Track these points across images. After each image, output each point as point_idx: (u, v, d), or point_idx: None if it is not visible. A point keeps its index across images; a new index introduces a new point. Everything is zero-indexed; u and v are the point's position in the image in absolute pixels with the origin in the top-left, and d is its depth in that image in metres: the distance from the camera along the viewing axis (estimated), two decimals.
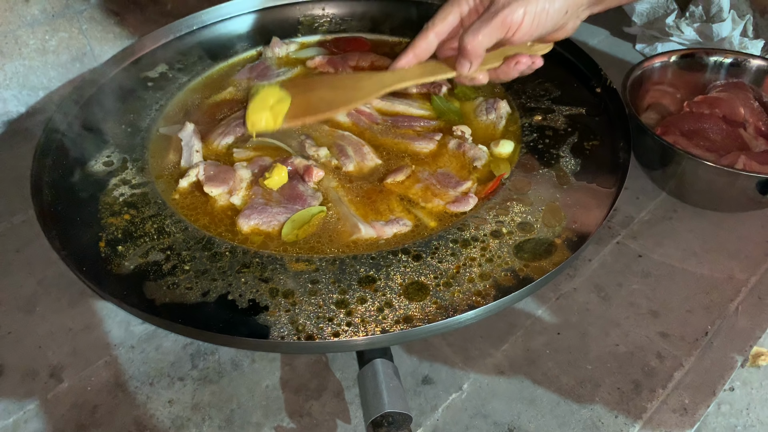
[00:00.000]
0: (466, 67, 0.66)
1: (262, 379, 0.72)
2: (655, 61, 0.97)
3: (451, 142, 0.81)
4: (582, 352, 0.74)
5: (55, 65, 1.06)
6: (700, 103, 0.93)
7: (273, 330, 0.60)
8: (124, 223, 0.72)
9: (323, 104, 0.71)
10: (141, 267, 0.66)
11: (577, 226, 0.70)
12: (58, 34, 1.04)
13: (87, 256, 0.67)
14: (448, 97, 0.89)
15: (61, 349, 0.75)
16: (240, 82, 0.94)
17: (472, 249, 0.68)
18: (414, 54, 0.69)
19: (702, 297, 0.80)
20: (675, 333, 0.76)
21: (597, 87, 0.88)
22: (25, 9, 0.99)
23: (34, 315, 0.79)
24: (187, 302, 0.63)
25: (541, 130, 0.83)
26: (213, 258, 0.67)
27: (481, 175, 0.77)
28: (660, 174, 0.91)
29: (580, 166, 0.77)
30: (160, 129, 0.85)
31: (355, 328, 0.60)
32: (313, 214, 0.72)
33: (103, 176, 0.78)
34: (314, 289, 0.64)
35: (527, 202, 0.73)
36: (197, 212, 0.74)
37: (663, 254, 0.85)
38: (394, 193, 0.76)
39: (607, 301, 0.79)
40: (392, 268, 0.66)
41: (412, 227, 0.71)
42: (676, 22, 1.14)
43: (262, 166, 0.78)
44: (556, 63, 0.94)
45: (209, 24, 1.04)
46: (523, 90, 0.90)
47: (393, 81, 0.69)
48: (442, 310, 0.62)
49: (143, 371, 0.73)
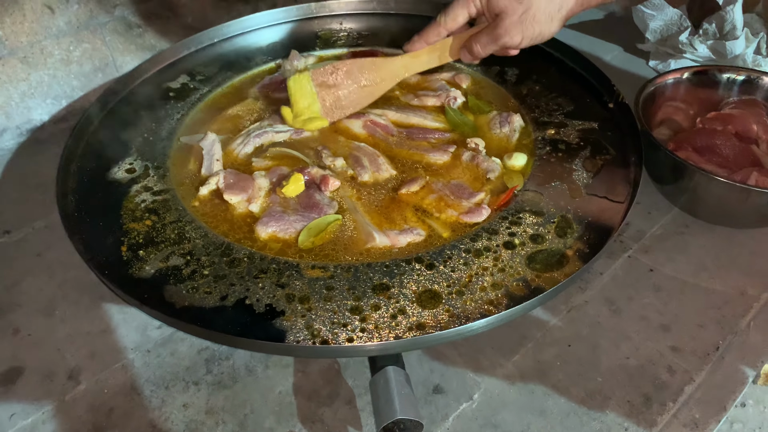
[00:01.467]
0: (467, 60, 0.84)
1: (275, 384, 0.73)
2: (668, 78, 0.98)
3: (464, 154, 0.83)
4: (593, 364, 0.74)
5: (78, 75, 1.09)
6: (712, 120, 0.94)
7: (289, 334, 0.61)
8: (145, 228, 0.73)
9: (350, 103, 0.87)
10: (161, 271, 0.68)
11: (589, 239, 0.70)
12: (82, 45, 1.07)
13: (109, 260, 0.69)
14: (462, 110, 0.91)
15: (79, 351, 0.76)
16: (259, 93, 0.96)
17: (484, 259, 0.69)
18: (425, 41, 0.84)
19: (713, 312, 0.80)
20: (686, 347, 0.76)
21: (610, 102, 0.89)
22: (52, 21, 1.02)
23: (53, 318, 0.80)
24: (206, 306, 0.64)
25: (554, 144, 0.84)
26: (231, 263, 0.69)
27: (494, 187, 0.78)
28: (672, 189, 0.91)
29: (592, 180, 0.78)
30: (181, 138, 0.87)
31: (369, 334, 0.61)
32: (329, 223, 0.73)
33: (126, 183, 0.80)
34: (329, 295, 0.65)
35: (539, 213, 0.74)
36: (217, 219, 0.75)
37: (674, 269, 0.85)
38: (408, 203, 0.77)
39: (618, 314, 0.80)
40: (406, 276, 0.67)
41: (425, 236, 0.72)
42: (689, 39, 1.15)
43: (280, 175, 0.79)
44: (570, 78, 0.96)
45: (230, 37, 1.07)
46: (536, 104, 0.91)
47: (406, 69, 0.87)
48: (455, 318, 0.62)
49: (159, 375, 0.74)
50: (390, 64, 0.86)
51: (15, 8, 0.97)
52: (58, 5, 1.01)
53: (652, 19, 1.20)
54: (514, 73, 0.98)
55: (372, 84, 0.86)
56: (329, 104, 0.86)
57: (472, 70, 1.00)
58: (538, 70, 0.98)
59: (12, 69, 1.01)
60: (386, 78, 0.87)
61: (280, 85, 0.97)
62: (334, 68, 0.84)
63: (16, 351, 0.76)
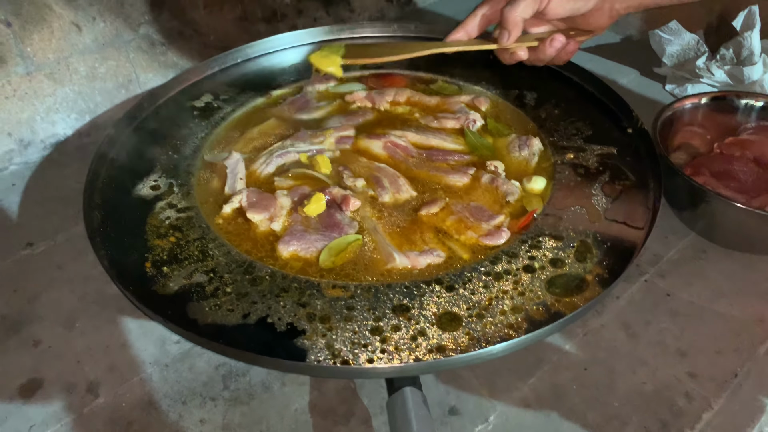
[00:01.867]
0: (505, 37, 0.75)
1: (291, 402, 0.73)
2: (686, 102, 0.99)
3: (484, 176, 0.83)
4: (609, 388, 0.74)
5: (102, 91, 1.11)
6: (730, 145, 0.94)
7: (310, 353, 0.62)
8: (169, 245, 0.74)
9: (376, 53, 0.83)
10: (185, 288, 0.69)
11: (608, 264, 0.71)
12: (107, 62, 1.09)
13: (134, 275, 0.70)
14: (481, 133, 0.92)
15: (99, 364, 0.76)
16: (281, 114, 0.98)
17: (504, 282, 0.69)
18: (465, 31, 0.80)
19: (731, 338, 0.79)
20: (704, 374, 0.75)
21: (629, 128, 0.90)
22: (79, 38, 1.04)
23: (73, 330, 0.81)
24: (229, 324, 0.65)
25: (573, 168, 0.85)
26: (254, 281, 0.70)
27: (513, 210, 0.79)
28: (689, 214, 0.92)
29: (611, 205, 0.79)
30: (205, 156, 0.89)
31: (390, 355, 0.62)
32: (350, 242, 0.74)
33: (151, 200, 0.81)
34: (350, 315, 0.66)
35: (559, 237, 0.74)
36: (239, 237, 0.76)
37: (692, 294, 0.85)
38: (428, 224, 0.78)
39: (634, 338, 0.80)
40: (426, 297, 0.68)
41: (445, 258, 0.73)
42: (706, 64, 1.15)
43: (301, 194, 0.80)
44: (589, 103, 0.97)
45: (253, 57, 1.09)
46: (555, 128, 0.92)
47: (441, 46, 0.81)
48: (475, 341, 0.63)
49: (176, 390, 0.74)
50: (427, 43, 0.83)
51: (43, 26, 0.99)
52: (86, 23, 1.03)
53: (669, 44, 1.21)
54: (533, 96, 0.99)
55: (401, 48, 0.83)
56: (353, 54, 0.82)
57: (491, 94, 1.01)
58: (558, 95, 0.98)
59: (39, 84, 1.03)
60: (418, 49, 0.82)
61: (303, 106, 0.98)
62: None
63: (37, 363, 0.76)
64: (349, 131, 0.92)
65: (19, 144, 1.06)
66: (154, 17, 1.10)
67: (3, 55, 0.97)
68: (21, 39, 0.98)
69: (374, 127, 0.95)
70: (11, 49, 0.98)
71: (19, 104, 1.03)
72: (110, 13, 1.05)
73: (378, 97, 0.99)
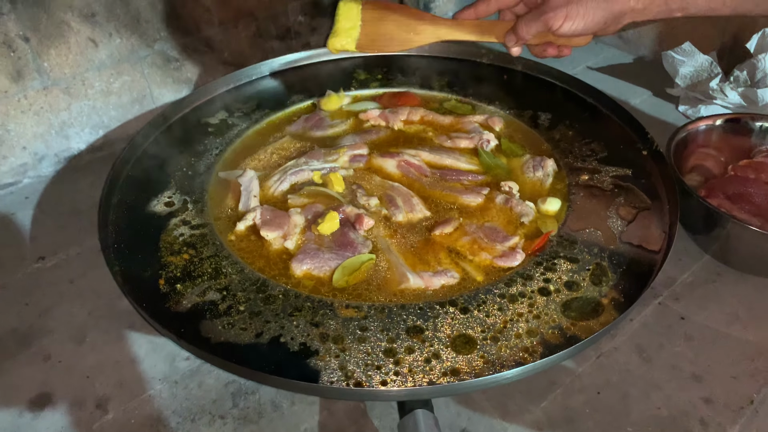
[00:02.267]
0: (511, 42, 0.80)
1: (300, 422, 0.72)
2: (700, 124, 0.99)
3: (498, 197, 0.83)
4: (623, 413, 0.73)
5: (116, 106, 1.12)
6: (745, 168, 0.94)
7: (323, 374, 0.61)
8: (183, 262, 0.74)
9: (386, 41, 0.86)
10: (198, 306, 0.69)
11: (624, 288, 0.70)
12: (122, 78, 1.10)
13: (147, 292, 0.70)
14: (495, 153, 0.92)
15: (108, 380, 0.76)
16: (296, 131, 0.98)
17: (519, 304, 0.69)
18: (475, 12, 0.82)
19: (747, 364, 0.78)
20: (719, 399, 0.74)
21: (644, 150, 0.89)
22: (95, 54, 1.05)
23: (84, 345, 0.80)
24: (242, 342, 0.65)
25: (588, 190, 0.84)
26: (267, 300, 0.70)
27: (528, 231, 0.79)
28: (704, 236, 0.91)
29: (627, 228, 0.78)
30: (219, 173, 0.89)
31: (403, 377, 0.61)
32: (363, 262, 0.74)
33: (165, 216, 0.81)
34: (363, 336, 0.66)
35: (574, 260, 0.74)
36: (253, 255, 0.76)
37: (706, 317, 0.84)
38: (442, 244, 0.78)
39: (648, 362, 0.79)
40: (440, 319, 0.67)
41: (459, 279, 0.73)
42: (720, 85, 1.15)
43: (315, 212, 0.81)
44: (603, 124, 0.97)
45: (267, 75, 1.10)
46: (569, 149, 0.92)
47: (448, 34, 0.83)
48: (489, 364, 0.62)
49: (185, 407, 0.74)
50: (436, 22, 0.85)
51: (61, 41, 1.00)
52: (102, 39, 1.04)
53: (682, 65, 1.21)
54: (547, 117, 0.99)
55: (413, 33, 0.85)
56: (366, 37, 0.86)
57: (505, 114, 1.01)
58: (571, 115, 0.99)
59: (54, 99, 1.04)
60: (427, 33, 0.85)
61: (317, 123, 0.98)
62: (387, 5, 0.85)
63: (47, 377, 0.76)
64: (362, 150, 0.92)
65: (33, 157, 1.07)
66: (170, 33, 1.11)
67: (20, 69, 0.98)
68: (38, 54, 0.99)
69: (388, 146, 0.95)
70: (29, 64, 0.99)
71: (35, 118, 1.04)
72: (126, 29, 1.06)
73: (392, 115, 0.99)
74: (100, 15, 1.02)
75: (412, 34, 0.85)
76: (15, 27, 0.95)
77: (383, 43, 0.86)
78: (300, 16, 1.25)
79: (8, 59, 0.96)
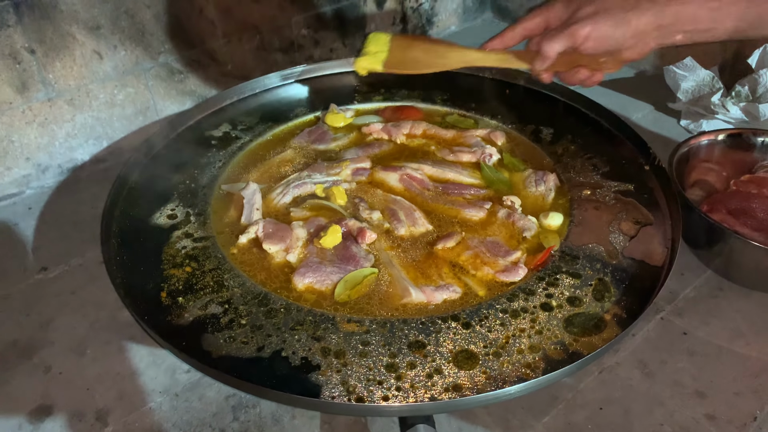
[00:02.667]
0: (538, 64, 0.76)
1: None
2: (702, 139, 0.99)
3: (500, 211, 0.83)
4: (625, 429, 0.73)
5: (120, 118, 1.12)
6: (747, 182, 0.94)
7: (324, 389, 0.61)
8: (185, 275, 0.75)
9: (413, 63, 0.86)
10: (200, 319, 0.69)
11: (626, 304, 0.70)
12: (126, 89, 1.10)
13: (149, 305, 0.70)
14: (497, 167, 0.92)
15: (109, 392, 0.76)
16: (299, 144, 0.99)
17: (521, 320, 0.69)
18: (501, 40, 0.80)
19: (750, 380, 0.78)
20: (722, 416, 0.74)
21: (646, 165, 0.89)
22: (100, 66, 1.05)
23: (84, 357, 0.80)
24: (243, 356, 0.65)
25: (590, 204, 0.84)
26: (268, 314, 0.70)
27: (530, 246, 0.79)
28: (706, 251, 0.91)
29: (629, 243, 0.78)
30: (222, 186, 0.89)
31: (405, 393, 0.61)
32: (365, 276, 0.74)
33: (167, 228, 0.82)
34: (365, 351, 0.65)
35: (576, 275, 0.74)
36: (255, 268, 0.76)
37: (709, 333, 0.84)
38: (444, 258, 0.78)
39: (650, 378, 0.78)
40: (442, 334, 0.67)
41: (461, 294, 0.73)
42: (721, 100, 1.16)
43: (318, 225, 0.81)
44: (605, 139, 0.97)
45: (271, 88, 1.10)
46: (572, 164, 0.92)
47: (475, 60, 0.82)
48: (491, 380, 0.62)
49: (186, 420, 0.73)
50: (464, 50, 0.84)
51: (66, 53, 1.01)
52: (107, 51, 1.05)
53: (684, 80, 1.21)
54: (549, 132, 0.99)
55: (440, 58, 0.85)
56: (394, 59, 0.86)
57: (507, 128, 1.01)
58: (574, 130, 0.99)
59: (59, 110, 1.05)
60: (455, 59, 0.84)
61: (320, 137, 0.99)
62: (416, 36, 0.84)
63: (47, 389, 0.76)
64: (365, 163, 0.93)
65: (37, 168, 1.07)
66: (174, 46, 1.11)
67: (26, 81, 0.99)
68: (44, 66, 0.99)
69: (390, 160, 0.96)
70: (34, 76, 0.99)
71: (39, 130, 1.04)
72: (131, 41, 1.06)
73: (394, 129, 0.99)
74: (105, 27, 1.03)
75: (440, 59, 0.85)
76: (21, 39, 0.95)
77: (410, 65, 0.86)
78: (303, 29, 1.26)
79: (14, 71, 0.97)
